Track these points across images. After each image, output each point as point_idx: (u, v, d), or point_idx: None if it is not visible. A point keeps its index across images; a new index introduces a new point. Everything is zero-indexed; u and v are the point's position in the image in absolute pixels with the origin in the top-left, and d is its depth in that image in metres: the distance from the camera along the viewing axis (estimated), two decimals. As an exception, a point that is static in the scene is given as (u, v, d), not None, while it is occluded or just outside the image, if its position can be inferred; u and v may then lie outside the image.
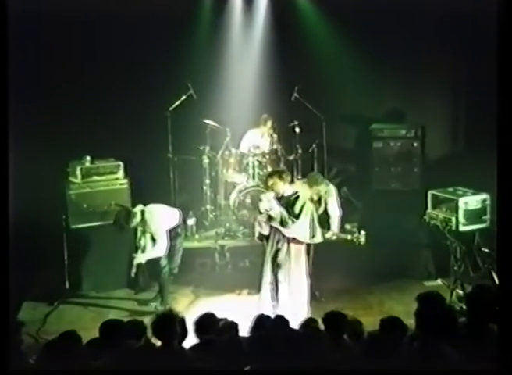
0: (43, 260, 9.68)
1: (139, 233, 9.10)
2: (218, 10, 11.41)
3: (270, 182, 8.06)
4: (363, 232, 8.37)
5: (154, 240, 8.94)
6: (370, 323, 6.68)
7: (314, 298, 8.50)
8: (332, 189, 9.22)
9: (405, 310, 7.62)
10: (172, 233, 9.04)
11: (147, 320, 6.03)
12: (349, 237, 8.43)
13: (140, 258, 8.88)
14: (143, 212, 8.88)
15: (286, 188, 8.06)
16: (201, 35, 11.37)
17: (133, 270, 8.91)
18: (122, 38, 10.84)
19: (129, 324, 6.26)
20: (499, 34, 5.94)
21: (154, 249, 8.92)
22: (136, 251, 9.00)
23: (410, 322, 5.79)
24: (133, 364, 5.50)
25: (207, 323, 6.26)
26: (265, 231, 8.18)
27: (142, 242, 9.06)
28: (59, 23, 10.51)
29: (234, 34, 11.52)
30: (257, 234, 8.32)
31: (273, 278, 8.13)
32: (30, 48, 10.39)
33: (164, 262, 9.00)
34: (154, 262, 8.98)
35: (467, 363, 5.30)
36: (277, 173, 8.18)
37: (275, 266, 8.08)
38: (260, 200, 8.13)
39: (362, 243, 8.33)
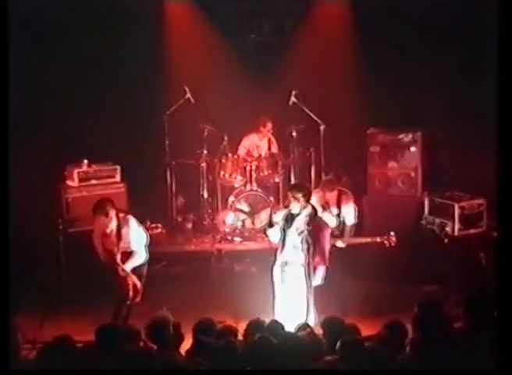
0: (39, 264, 9.66)
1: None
2: (215, 14, 11.43)
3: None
4: (392, 232, 8.37)
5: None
6: (367, 327, 6.67)
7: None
8: (349, 195, 8.87)
9: (403, 315, 7.60)
10: None
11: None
12: (378, 239, 8.42)
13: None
14: (119, 222, 8.33)
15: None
16: (198, 39, 11.38)
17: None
18: (120, 43, 10.86)
19: (126, 329, 6.25)
20: (499, 37, 5.94)
21: (133, 257, 8.40)
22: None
23: (408, 327, 5.80)
24: (129, 368, 5.49)
25: (204, 327, 6.25)
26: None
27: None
28: (57, 27, 10.58)
29: (232, 38, 11.53)
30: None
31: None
32: (29, 53, 10.39)
33: None
34: None
35: (464, 368, 5.30)
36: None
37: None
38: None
39: (394, 244, 8.35)
